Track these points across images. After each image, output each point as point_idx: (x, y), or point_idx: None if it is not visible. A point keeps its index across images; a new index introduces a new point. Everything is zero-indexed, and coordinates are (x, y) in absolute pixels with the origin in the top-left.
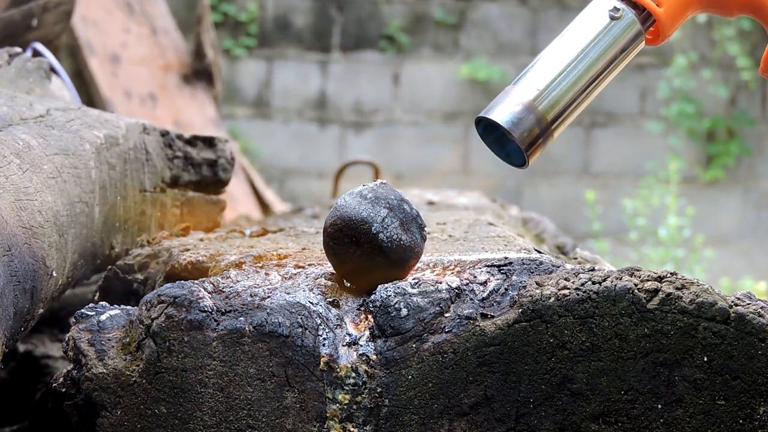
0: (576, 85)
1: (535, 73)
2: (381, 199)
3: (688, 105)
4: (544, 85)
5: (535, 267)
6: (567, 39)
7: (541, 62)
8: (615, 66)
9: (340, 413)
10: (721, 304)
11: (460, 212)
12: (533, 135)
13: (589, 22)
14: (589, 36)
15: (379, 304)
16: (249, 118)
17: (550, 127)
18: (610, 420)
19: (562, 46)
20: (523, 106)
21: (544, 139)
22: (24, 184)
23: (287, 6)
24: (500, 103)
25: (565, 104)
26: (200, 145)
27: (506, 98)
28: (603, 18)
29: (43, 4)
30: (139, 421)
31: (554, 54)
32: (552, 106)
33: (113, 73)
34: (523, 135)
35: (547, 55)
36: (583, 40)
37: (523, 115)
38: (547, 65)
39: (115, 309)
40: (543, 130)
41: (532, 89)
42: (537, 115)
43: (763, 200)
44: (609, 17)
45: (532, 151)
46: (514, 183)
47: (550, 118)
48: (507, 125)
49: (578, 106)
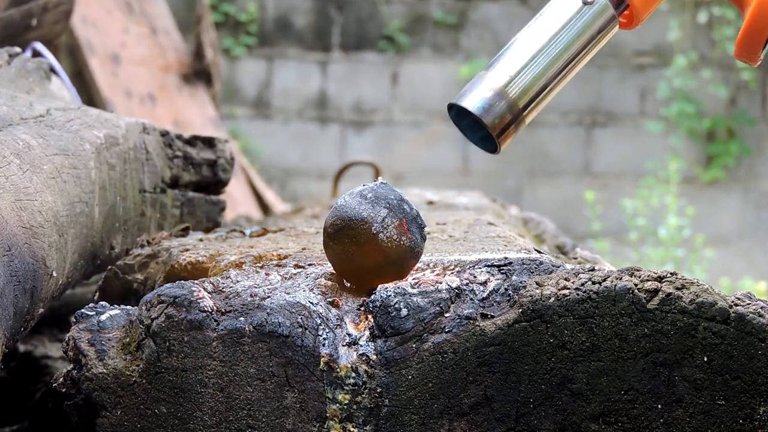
0: (548, 71)
1: (507, 59)
2: (381, 199)
3: (688, 105)
4: (516, 71)
5: (535, 267)
6: (539, 24)
7: (513, 48)
8: (588, 51)
9: (340, 413)
10: (721, 304)
11: (460, 212)
12: (504, 121)
13: (561, 7)
14: (561, 21)
15: (379, 304)
16: (249, 118)
17: (522, 114)
18: (610, 420)
19: (535, 32)
20: (494, 92)
21: (516, 126)
22: (24, 184)
23: (287, 6)
24: (472, 90)
25: (537, 90)
26: (200, 145)
27: (478, 84)
28: (575, 3)
29: (43, 4)
30: (139, 421)
31: (527, 39)
32: (524, 92)
33: (113, 73)
34: (495, 121)
35: (520, 41)
36: (555, 25)
37: (494, 102)
38: (519, 51)
39: (115, 309)
40: (514, 117)
41: (504, 75)
42: (508, 102)
43: (763, 200)
44: (582, 2)
45: (503, 138)
46: (514, 183)
47: (521, 104)
48: (478, 112)
49: (550, 92)
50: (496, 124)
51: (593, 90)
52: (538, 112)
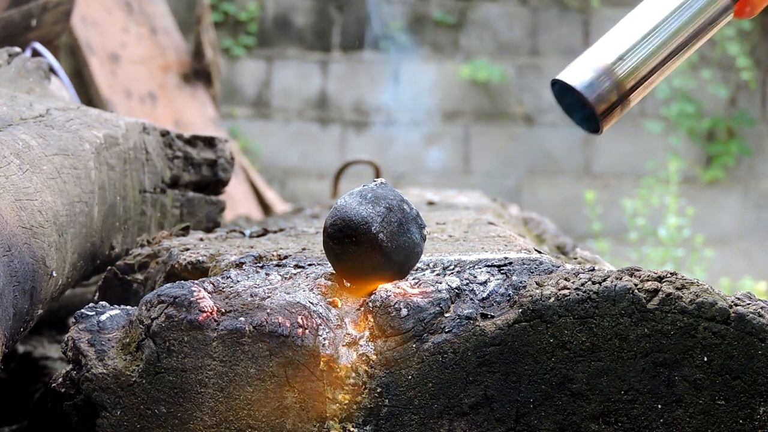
0: (659, 53)
1: (616, 38)
2: (381, 200)
3: (688, 105)
4: (625, 50)
5: (535, 267)
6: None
7: (623, 26)
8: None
9: (340, 413)
10: (721, 304)
11: (460, 212)
12: (610, 101)
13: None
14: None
15: (379, 304)
16: (249, 118)
17: (629, 95)
18: (610, 420)
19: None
20: (601, 70)
21: (622, 107)
22: (24, 184)
23: (287, 5)
24: (578, 66)
25: (645, 72)
26: (200, 145)
27: (585, 61)
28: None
29: (43, 4)
30: (139, 421)
31: (638, 19)
32: (632, 72)
33: (113, 73)
34: (599, 100)
35: (631, 20)
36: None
37: (601, 80)
38: (630, 30)
39: (115, 309)
40: (620, 97)
41: (613, 54)
42: (615, 81)
43: (763, 200)
44: None
45: (607, 118)
46: (514, 183)
47: (629, 85)
48: (583, 89)
49: (659, 75)
50: (600, 103)
51: None
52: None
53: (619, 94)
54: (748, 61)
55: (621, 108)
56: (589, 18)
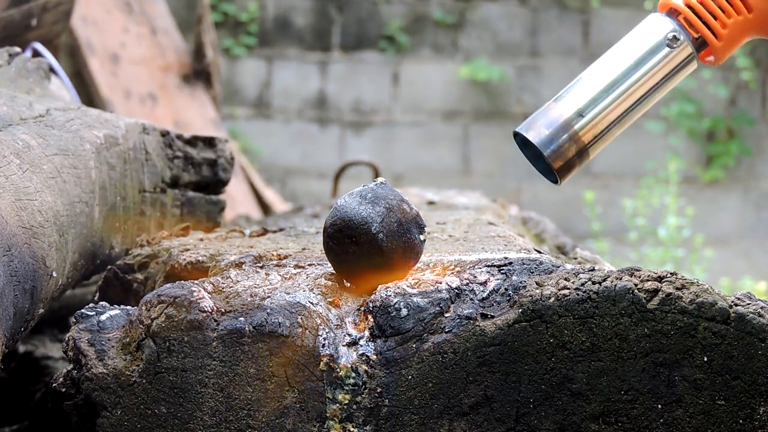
0: (617, 108)
1: (576, 92)
2: (381, 200)
3: (688, 105)
4: (584, 104)
5: (535, 267)
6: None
7: (584, 79)
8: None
9: (340, 413)
10: (721, 304)
11: (460, 212)
12: (568, 156)
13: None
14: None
15: (379, 304)
16: (249, 118)
17: (587, 148)
18: (610, 420)
19: (610, 64)
20: (559, 125)
21: (580, 160)
22: (24, 184)
23: (287, 6)
24: (537, 120)
25: (604, 126)
26: (200, 145)
27: (544, 115)
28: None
29: (43, 3)
30: (139, 421)
31: (600, 72)
32: (590, 127)
33: (113, 73)
34: (556, 155)
35: (592, 72)
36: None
37: (558, 135)
38: (589, 84)
39: (115, 309)
40: (579, 151)
41: (571, 108)
42: (573, 136)
43: (763, 200)
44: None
45: (565, 172)
46: (514, 183)
47: (587, 139)
48: (539, 144)
49: (618, 128)
50: (558, 160)
51: None
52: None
53: (578, 149)
54: (748, 61)
55: (579, 162)
56: (589, 18)
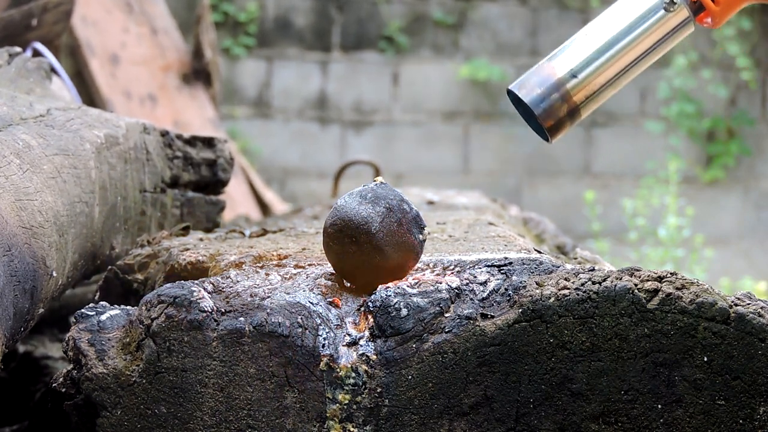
0: (610, 68)
1: (570, 51)
2: (381, 200)
3: (688, 105)
4: (577, 64)
5: (535, 267)
6: (611, 18)
7: (578, 40)
8: (656, 52)
9: (340, 413)
10: (721, 304)
11: (460, 212)
12: (558, 115)
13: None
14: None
15: (379, 304)
16: (249, 118)
17: (578, 108)
18: (610, 420)
19: (605, 25)
20: (550, 83)
21: (571, 120)
22: (24, 184)
23: (287, 6)
24: (530, 79)
25: (596, 86)
26: (200, 145)
27: (537, 74)
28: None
29: (43, 4)
30: (139, 421)
31: (595, 32)
32: (582, 86)
33: (113, 74)
34: (547, 113)
35: (588, 32)
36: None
37: (549, 93)
38: (585, 43)
39: (115, 309)
40: (570, 111)
41: (564, 68)
42: (565, 95)
43: (763, 200)
44: (663, 8)
45: (555, 131)
46: (514, 183)
47: (578, 99)
48: (530, 102)
49: (610, 90)
50: (549, 118)
51: None
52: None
53: (569, 108)
54: (748, 61)
55: (570, 121)
56: (589, 18)
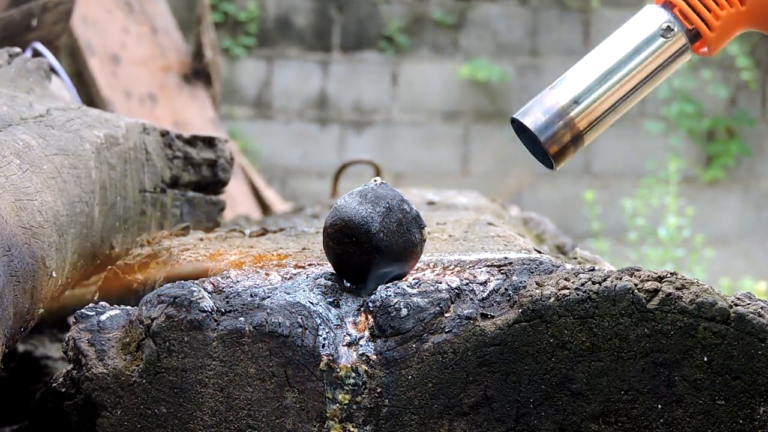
0: (613, 96)
1: (572, 79)
2: (381, 199)
3: (688, 105)
4: (579, 92)
5: (535, 267)
6: (611, 47)
7: (580, 68)
8: (655, 79)
9: (340, 413)
10: (721, 304)
11: (460, 212)
12: (563, 142)
13: (637, 34)
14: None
15: (379, 304)
16: (249, 118)
17: (582, 135)
18: (610, 420)
19: (606, 54)
20: (555, 112)
21: (575, 147)
22: (24, 184)
23: (287, 6)
24: (534, 106)
25: (599, 114)
26: (200, 145)
27: (541, 102)
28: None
29: (43, 4)
30: (139, 421)
31: (596, 61)
32: (585, 114)
33: (113, 74)
34: (551, 140)
35: (589, 61)
36: (626, 51)
37: (554, 121)
38: (585, 72)
39: (115, 309)
40: (574, 138)
41: (567, 95)
42: (568, 122)
43: (763, 200)
44: (660, 36)
45: (560, 158)
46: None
47: (582, 126)
48: (536, 130)
49: (613, 116)
50: (551, 143)
51: None
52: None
53: (573, 135)
54: (748, 61)
55: (574, 148)
56: (589, 18)
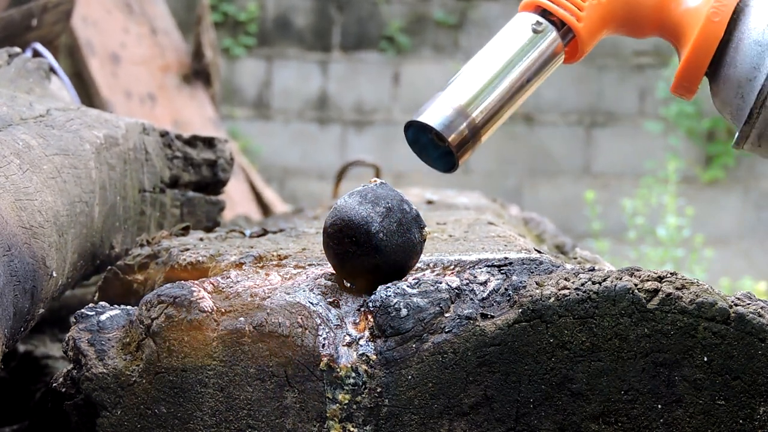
0: (504, 93)
1: (464, 81)
2: (381, 200)
3: (688, 105)
4: (475, 92)
5: (535, 267)
6: (493, 50)
7: (469, 71)
8: (538, 77)
9: (340, 413)
10: (721, 304)
11: (460, 212)
12: (464, 138)
13: (513, 35)
14: (514, 47)
15: (379, 304)
16: (249, 118)
17: (480, 131)
18: (610, 420)
19: (489, 56)
20: (454, 110)
21: (473, 142)
22: (24, 184)
23: (287, 6)
24: (431, 108)
25: (493, 110)
26: (200, 145)
27: (437, 103)
28: (526, 31)
29: (43, 4)
30: (139, 421)
31: (482, 63)
32: (481, 111)
33: (113, 74)
34: (455, 138)
35: (475, 64)
36: (509, 51)
37: (455, 119)
38: (475, 74)
39: (115, 309)
40: (472, 134)
41: (463, 95)
42: (467, 119)
43: (763, 200)
44: (532, 30)
45: (462, 153)
46: (514, 183)
47: (480, 122)
48: (440, 127)
49: (504, 113)
50: (456, 140)
51: (593, 90)
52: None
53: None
54: None
55: (473, 143)
56: None
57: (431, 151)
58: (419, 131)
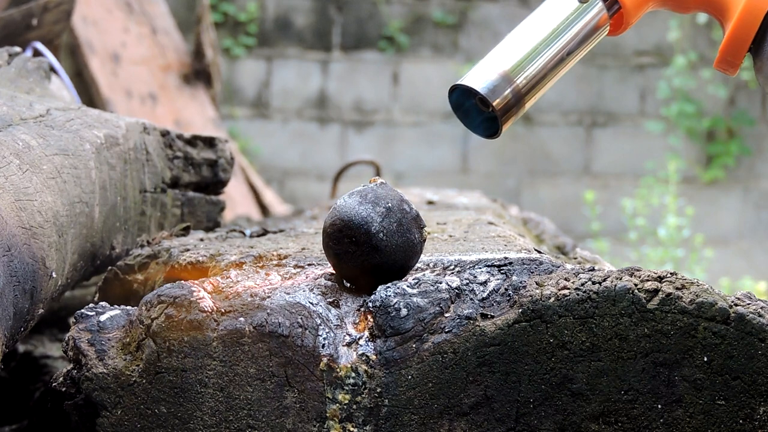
0: (548, 61)
1: (509, 47)
2: (381, 200)
3: (688, 105)
4: (520, 59)
5: (535, 267)
6: (539, 18)
7: (514, 37)
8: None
9: (340, 413)
10: (721, 304)
11: (460, 212)
12: (508, 103)
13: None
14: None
15: (378, 304)
16: (248, 118)
17: (524, 98)
18: (610, 420)
19: (535, 24)
20: (499, 75)
21: (517, 109)
22: (24, 185)
23: (287, 6)
24: (477, 72)
25: (538, 78)
26: (200, 145)
27: (483, 68)
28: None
29: (43, 3)
30: (139, 421)
31: (527, 30)
32: (526, 77)
33: (113, 73)
34: (500, 103)
35: (520, 32)
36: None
37: (500, 84)
38: (520, 40)
39: (115, 309)
40: (517, 100)
41: (508, 61)
42: (512, 85)
43: (763, 200)
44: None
45: (505, 119)
46: (514, 183)
47: (524, 89)
48: (485, 91)
49: (548, 81)
50: (500, 105)
51: (593, 90)
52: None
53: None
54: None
55: (517, 110)
56: None
57: (474, 117)
58: (463, 95)
